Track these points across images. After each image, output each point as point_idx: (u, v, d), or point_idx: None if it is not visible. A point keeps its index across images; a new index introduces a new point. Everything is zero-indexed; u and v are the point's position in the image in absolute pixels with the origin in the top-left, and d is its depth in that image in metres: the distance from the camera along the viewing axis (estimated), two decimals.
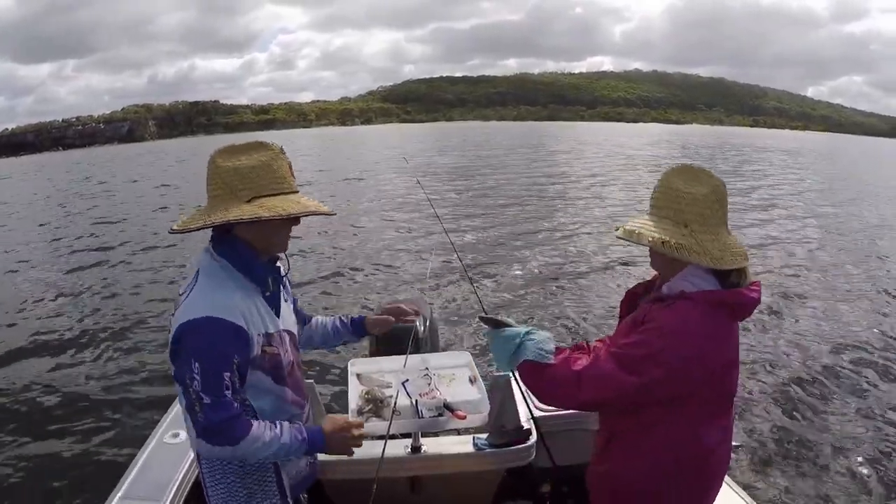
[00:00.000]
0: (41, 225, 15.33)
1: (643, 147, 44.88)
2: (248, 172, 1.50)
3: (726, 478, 1.73)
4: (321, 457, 2.00)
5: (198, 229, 1.49)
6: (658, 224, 1.48)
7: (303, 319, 1.95)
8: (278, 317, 1.65)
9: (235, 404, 1.48)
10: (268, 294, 1.62)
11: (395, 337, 2.80)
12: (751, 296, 1.48)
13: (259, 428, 1.51)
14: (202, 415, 1.46)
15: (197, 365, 1.44)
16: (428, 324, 2.91)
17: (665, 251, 1.44)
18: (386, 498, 1.83)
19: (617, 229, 1.57)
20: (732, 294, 1.46)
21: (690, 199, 1.47)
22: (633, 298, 1.70)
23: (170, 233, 1.57)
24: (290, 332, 1.71)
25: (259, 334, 1.55)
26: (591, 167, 26.24)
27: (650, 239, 1.45)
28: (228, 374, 1.46)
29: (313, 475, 1.87)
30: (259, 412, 1.59)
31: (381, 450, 1.79)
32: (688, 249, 1.43)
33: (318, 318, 2.04)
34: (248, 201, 1.49)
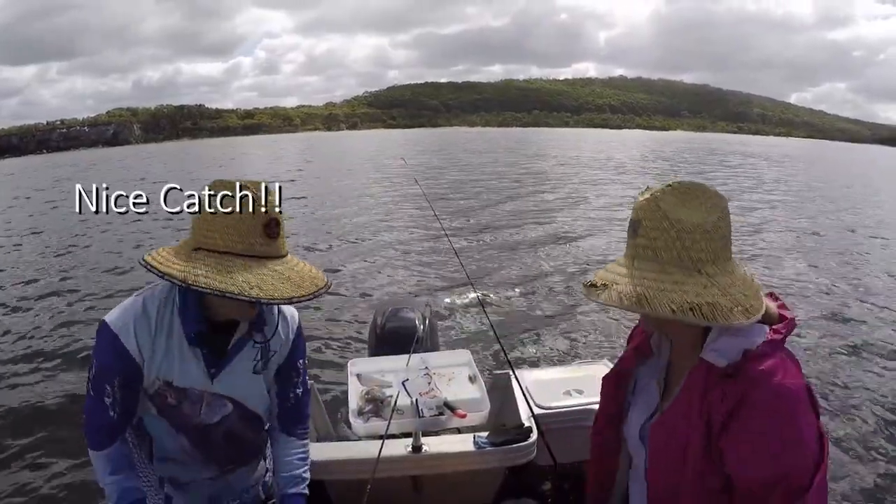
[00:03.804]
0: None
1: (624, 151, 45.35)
2: (206, 215, 1.28)
3: None
4: (321, 457, 2.01)
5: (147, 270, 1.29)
6: (662, 276, 1.04)
7: (288, 416, 1.66)
8: (213, 378, 1.47)
9: (111, 413, 1.40)
10: (204, 351, 1.44)
11: (394, 336, 2.81)
12: (790, 313, 1.14)
13: (106, 461, 1.44)
14: (85, 404, 1.44)
15: (94, 361, 1.41)
16: (427, 323, 2.91)
17: (695, 321, 1.00)
18: (388, 498, 1.83)
19: (593, 287, 1.08)
20: (790, 323, 1.12)
21: (700, 231, 1.05)
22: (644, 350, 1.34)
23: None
24: (230, 399, 1.51)
25: (157, 378, 1.41)
26: (582, 170, 26.39)
27: (673, 308, 1.00)
28: (109, 386, 1.38)
29: None
30: (155, 443, 1.52)
31: (378, 450, 1.79)
32: (721, 309, 0.99)
33: (290, 456, 1.68)
34: (195, 249, 1.28)
